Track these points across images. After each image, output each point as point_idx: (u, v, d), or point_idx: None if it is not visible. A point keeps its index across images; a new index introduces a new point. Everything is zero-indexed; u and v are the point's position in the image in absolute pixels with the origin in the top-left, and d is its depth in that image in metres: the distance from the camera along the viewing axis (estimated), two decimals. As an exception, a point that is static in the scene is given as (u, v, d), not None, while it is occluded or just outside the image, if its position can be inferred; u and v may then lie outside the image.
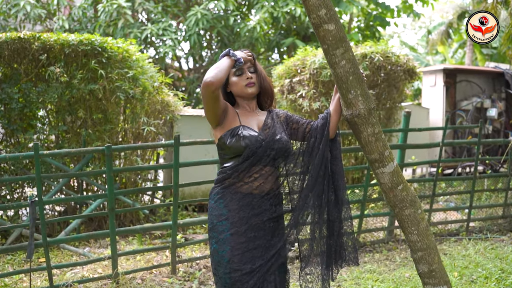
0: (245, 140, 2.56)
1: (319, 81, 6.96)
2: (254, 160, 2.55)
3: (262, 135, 2.61)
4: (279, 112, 2.83)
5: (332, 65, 2.71)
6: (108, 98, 5.86)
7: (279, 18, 10.87)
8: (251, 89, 2.66)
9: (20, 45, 5.51)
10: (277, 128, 2.68)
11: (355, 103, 2.73)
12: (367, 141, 2.81)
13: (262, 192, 2.59)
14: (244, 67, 2.67)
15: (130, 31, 9.92)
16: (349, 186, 5.53)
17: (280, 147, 2.62)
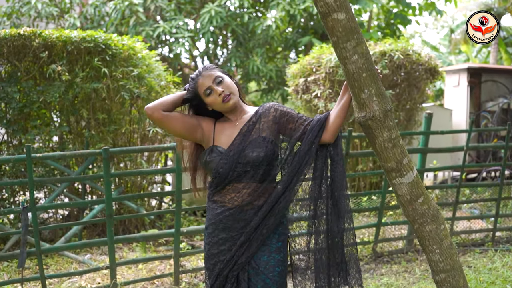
0: (211, 164, 2.49)
1: (335, 80, 6.61)
2: (220, 179, 2.47)
3: (227, 153, 2.47)
4: (268, 110, 2.54)
5: (342, 60, 2.37)
6: (112, 97, 5.59)
7: (296, 15, 10.51)
8: (231, 102, 2.48)
9: (20, 42, 5.27)
10: (253, 136, 2.47)
11: (369, 104, 2.39)
12: (383, 147, 2.46)
13: (234, 206, 2.47)
14: (210, 84, 2.48)
15: (142, 29, 9.67)
16: (366, 192, 5.18)
17: (247, 161, 2.43)
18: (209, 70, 2.49)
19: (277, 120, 2.51)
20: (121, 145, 5.83)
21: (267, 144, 2.44)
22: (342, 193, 2.50)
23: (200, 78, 2.47)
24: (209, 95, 2.45)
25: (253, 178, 2.44)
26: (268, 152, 2.44)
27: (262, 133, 2.48)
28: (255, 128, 2.49)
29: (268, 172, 2.47)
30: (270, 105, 2.56)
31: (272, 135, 2.48)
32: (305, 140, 2.47)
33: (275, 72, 10.79)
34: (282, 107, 2.55)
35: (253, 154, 2.42)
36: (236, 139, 2.46)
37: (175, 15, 10.17)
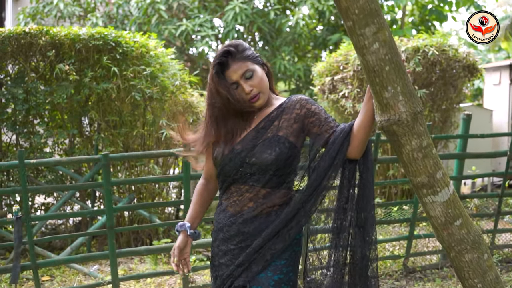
0: (216, 160, 2.18)
1: (364, 79, 6.12)
2: (223, 177, 2.17)
3: (234, 149, 2.13)
4: (293, 106, 2.14)
5: (359, 51, 1.92)
6: (123, 98, 5.25)
7: (325, 12, 10.04)
8: (258, 102, 2.12)
9: (26, 40, 4.97)
10: (268, 134, 2.10)
11: (394, 104, 1.94)
12: (411, 158, 2.00)
13: (235, 212, 2.15)
14: (238, 79, 2.10)
15: (165, 27, 9.36)
16: (397, 202, 4.69)
17: (254, 162, 2.08)
18: (238, 59, 2.10)
19: (300, 119, 2.11)
20: (134, 149, 5.49)
21: (281, 145, 2.06)
22: (369, 220, 2.13)
23: (227, 72, 2.11)
24: (236, 88, 2.11)
25: (258, 182, 2.09)
26: (281, 156, 2.06)
27: (279, 131, 2.09)
28: (273, 125, 2.12)
29: (277, 178, 2.09)
30: (296, 99, 2.15)
31: (291, 135, 2.09)
32: (326, 154, 2.06)
33: (304, 72, 10.33)
34: (310, 104, 2.12)
35: (262, 155, 2.06)
36: (249, 135, 2.12)
37: (199, 13, 9.83)
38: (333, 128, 2.08)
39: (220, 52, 2.12)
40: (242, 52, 2.13)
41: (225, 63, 2.10)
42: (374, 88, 1.95)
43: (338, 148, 2.04)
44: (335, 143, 2.04)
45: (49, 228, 5.69)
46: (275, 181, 2.09)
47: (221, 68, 2.10)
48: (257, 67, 2.12)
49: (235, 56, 2.11)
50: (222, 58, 2.10)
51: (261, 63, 2.16)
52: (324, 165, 2.06)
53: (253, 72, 2.10)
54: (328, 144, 2.06)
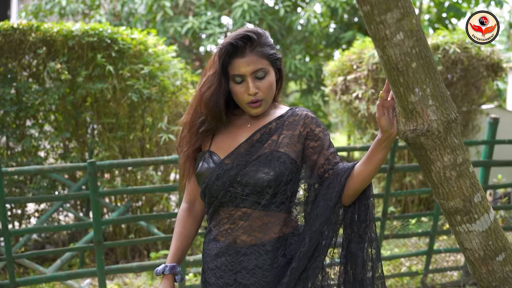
0: (201, 177, 1.81)
1: (379, 79, 5.70)
2: (209, 198, 1.80)
3: (222, 163, 1.78)
4: (297, 121, 1.79)
5: (379, 42, 1.52)
6: (119, 99, 4.88)
7: (337, 9, 9.61)
8: (255, 110, 1.79)
9: (14, 37, 4.63)
10: (265, 149, 1.76)
11: (422, 110, 1.54)
12: (442, 177, 1.60)
13: (232, 243, 1.78)
14: (246, 74, 1.75)
15: (170, 25, 9.00)
16: (414, 214, 4.26)
17: (248, 182, 1.73)
18: (257, 52, 1.76)
19: (301, 139, 1.77)
20: (132, 153, 5.12)
21: (282, 164, 1.72)
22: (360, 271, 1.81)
23: (237, 59, 1.75)
24: (237, 83, 1.77)
25: (253, 205, 1.75)
26: (281, 177, 1.72)
27: (280, 147, 1.74)
28: (271, 139, 1.77)
29: (276, 202, 1.75)
30: (301, 115, 1.81)
31: (294, 154, 1.75)
32: (321, 196, 1.75)
33: (315, 71, 9.92)
34: (315, 125, 1.79)
35: (257, 174, 1.72)
36: (241, 147, 1.79)
37: (206, 10, 9.46)
38: (330, 163, 1.76)
39: (239, 34, 1.75)
40: (264, 45, 1.77)
41: (240, 49, 1.73)
42: (397, 90, 1.55)
43: (332, 196, 1.74)
44: (330, 187, 1.73)
45: (42, 237, 5.34)
46: (273, 204, 1.74)
47: (232, 52, 1.74)
48: (271, 71, 1.77)
49: (254, 47, 1.75)
50: (239, 41, 1.73)
51: (278, 67, 1.80)
52: (324, 205, 1.75)
53: (266, 74, 1.75)
54: (323, 185, 1.75)
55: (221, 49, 1.74)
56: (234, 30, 1.84)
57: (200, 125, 1.81)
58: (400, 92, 1.54)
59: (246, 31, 1.75)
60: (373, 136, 5.90)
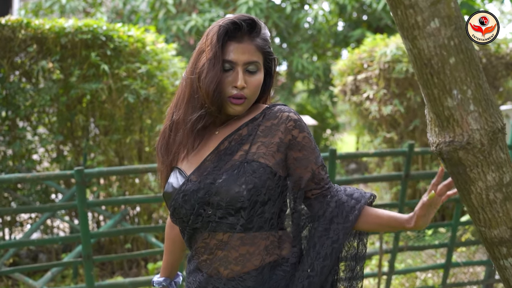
0: (167, 198, 1.53)
1: (392, 78, 5.37)
2: (180, 224, 1.52)
3: (188, 182, 1.48)
4: (276, 124, 1.48)
5: (408, 32, 1.20)
6: (114, 100, 4.59)
7: (346, 6, 9.29)
8: (235, 107, 1.49)
9: (2, 34, 4.34)
10: (235, 159, 1.46)
11: (461, 118, 1.23)
12: (485, 200, 1.29)
13: (212, 275, 1.49)
14: (239, 62, 1.46)
15: (173, 23, 8.72)
16: (431, 224, 3.94)
17: (219, 201, 1.42)
18: (255, 42, 1.49)
19: (282, 148, 1.46)
20: (129, 157, 4.83)
21: (257, 178, 1.41)
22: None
23: (233, 43, 1.47)
24: (225, 70, 1.47)
25: (231, 228, 1.45)
26: (257, 195, 1.41)
27: (256, 157, 1.44)
28: (242, 149, 1.47)
29: (255, 224, 1.44)
30: (282, 116, 1.49)
31: (273, 164, 1.45)
32: (322, 231, 1.47)
33: (323, 71, 9.60)
34: (298, 130, 1.48)
35: (229, 191, 1.41)
36: (206, 161, 1.49)
37: (210, 7, 9.17)
38: (323, 183, 1.48)
39: (244, 16, 1.48)
40: (263, 39, 1.50)
41: (240, 32, 1.46)
42: (430, 92, 1.24)
43: (341, 241, 1.47)
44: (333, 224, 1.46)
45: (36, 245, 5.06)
46: (251, 229, 1.44)
47: (231, 32, 1.46)
48: (262, 69, 1.49)
49: (255, 36, 1.48)
50: (242, 22, 1.45)
51: (268, 68, 1.53)
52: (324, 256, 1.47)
53: (257, 70, 1.47)
54: (322, 218, 1.47)
55: (221, 27, 1.45)
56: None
57: (197, 121, 1.50)
58: (433, 94, 1.23)
59: (250, 16, 1.49)
60: (384, 139, 5.57)
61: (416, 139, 5.44)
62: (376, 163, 5.89)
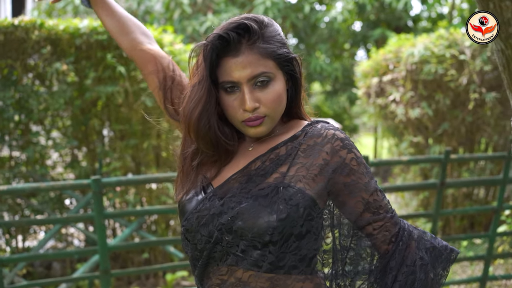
0: (182, 211, 1.29)
1: (420, 80, 5.14)
2: (194, 252, 1.26)
3: (208, 199, 1.24)
4: (320, 144, 1.23)
5: (500, 31, 0.99)
6: (131, 103, 4.40)
7: (365, 6, 9.06)
8: (254, 130, 1.24)
9: (15, 35, 4.17)
10: (269, 182, 1.21)
11: None
12: None
13: None
14: (240, 80, 1.21)
15: (188, 23, 8.55)
16: (467, 235, 3.72)
17: (243, 232, 1.18)
18: (257, 48, 1.21)
19: (327, 172, 1.21)
20: (146, 163, 4.64)
21: (294, 207, 1.17)
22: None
23: (228, 58, 1.21)
24: (228, 92, 1.24)
25: (253, 268, 1.20)
26: (292, 227, 1.18)
27: (294, 180, 1.20)
28: (278, 171, 1.22)
29: (287, 262, 1.20)
30: (327, 135, 1.24)
31: (314, 191, 1.20)
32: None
33: (341, 72, 9.38)
34: (346, 151, 1.23)
35: (258, 218, 1.17)
36: (232, 181, 1.26)
37: (226, 7, 8.98)
38: (382, 212, 1.24)
39: (232, 23, 1.20)
40: (269, 40, 1.22)
41: (232, 44, 1.19)
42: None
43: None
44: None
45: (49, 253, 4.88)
46: (281, 269, 1.20)
47: (220, 49, 1.20)
48: (279, 76, 1.22)
49: (254, 41, 1.20)
50: (231, 33, 1.19)
51: (289, 70, 1.25)
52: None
53: (270, 81, 1.21)
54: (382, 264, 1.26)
55: (207, 45, 1.20)
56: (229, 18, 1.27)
57: (192, 157, 1.30)
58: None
59: (242, 18, 1.22)
60: (411, 143, 5.34)
61: (444, 143, 5.20)
62: (401, 169, 5.65)
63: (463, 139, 5.22)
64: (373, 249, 1.30)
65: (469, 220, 5.47)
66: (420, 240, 1.28)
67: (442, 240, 1.33)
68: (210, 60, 1.20)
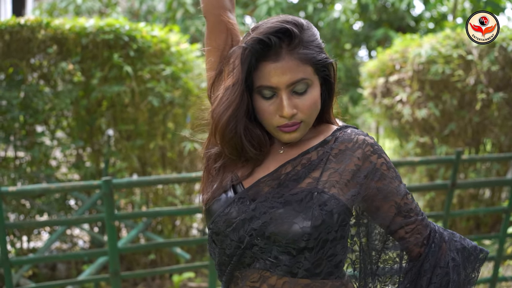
0: (209, 214, 1.25)
1: (426, 80, 5.11)
2: (222, 257, 1.22)
3: (238, 202, 1.21)
4: (351, 149, 1.22)
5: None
6: (138, 104, 4.37)
7: (368, 5, 9.03)
8: (288, 136, 1.22)
9: (21, 34, 4.14)
10: (301, 187, 1.18)
11: None
12: None
13: None
14: (278, 85, 1.17)
15: (191, 23, 8.51)
16: (476, 237, 3.69)
17: (277, 237, 1.15)
18: (297, 54, 1.18)
19: (359, 178, 1.20)
20: (152, 164, 4.60)
21: (328, 213, 1.14)
22: None
23: (267, 63, 1.18)
24: (265, 98, 1.20)
25: (287, 275, 1.17)
26: (328, 232, 1.16)
27: (328, 186, 1.18)
28: (311, 177, 1.20)
29: (323, 269, 1.18)
30: (358, 140, 1.23)
31: (347, 198, 1.18)
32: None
33: (344, 72, 9.35)
34: (376, 156, 1.22)
35: (293, 224, 1.14)
36: (262, 184, 1.22)
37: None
38: (415, 216, 1.24)
39: (273, 27, 1.16)
40: (309, 45, 1.19)
41: (273, 48, 1.15)
42: None
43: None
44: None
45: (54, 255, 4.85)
46: (318, 275, 1.18)
47: (260, 53, 1.16)
48: (316, 81, 1.20)
49: (295, 46, 1.17)
50: (273, 37, 1.15)
51: (325, 75, 1.22)
52: None
53: (308, 87, 1.18)
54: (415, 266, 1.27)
55: (245, 49, 1.17)
56: (264, 19, 1.24)
57: (216, 158, 1.27)
58: None
59: (283, 22, 1.18)
60: (417, 143, 5.31)
61: (451, 144, 5.17)
62: (407, 169, 5.62)
63: (469, 139, 5.20)
64: (403, 252, 1.30)
65: (475, 221, 5.45)
66: (451, 241, 1.29)
67: (471, 241, 1.34)
68: (248, 64, 1.16)
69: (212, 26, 1.37)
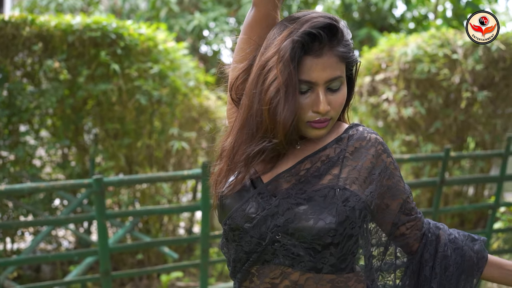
0: (223, 210, 1.22)
1: (412, 79, 5.15)
2: (239, 254, 1.20)
3: (255, 199, 1.19)
4: (365, 147, 1.23)
5: None
6: (125, 102, 4.32)
7: (351, 5, 9.07)
8: (317, 132, 1.21)
9: (5, 31, 4.06)
10: (322, 183, 1.18)
11: None
12: None
13: None
14: (319, 81, 1.16)
15: (175, 22, 8.45)
16: (465, 233, 3.74)
17: (301, 234, 1.14)
18: (337, 52, 1.18)
19: (374, 174, 1.22)
20: (139, 162, 4.56)
21: (351, 210, 1.17)
22: None
23: (310, 58, 1.16)
24: (300, 92, 1.18)
25: (311, 271, 1.17)
26: (352, 228, 1.17)
27: (349, 182, 1.19)
28: (331, 173, 1.20)
29: (348, 264, 1.21)
30: (371, 138, 1.25)
31: (366, 195, 1.21)
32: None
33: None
34: (386, 155, 1.25)
35: (318, 220, 1.14)
36: (281, 178, 1.21)
37: (213, 6, 8.91)
38: (415, 214, 1.30)
39: (320, 22, 1.15)
40: (345, 44, 1.19)
41: (318, 44, 1.15)
42: None
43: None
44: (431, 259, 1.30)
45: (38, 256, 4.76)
46: (344, 270, 1.20)
47: (306, 46, 1.15)
48: (345, 82, 1.21)
49: (335, 44, 1.17)
50: (321, 31, 1.15)
51: (350, 74, 1.25)
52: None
53: (341, 85, 1.19)
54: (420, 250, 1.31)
55: (296, 43, 1.13)
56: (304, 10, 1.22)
57: (256, 155, 1.20)
58: None
59: (328, 18, 1.17)
60: (403, 142, 5.35)
61: (436, 142, 5.23)
62: (393, 167, 5.66)
63: (454, 137, 5.25)
64: (404, 247, 1.34)
65: (459, 218, 5.52)
66: (446, 230, 1.33)
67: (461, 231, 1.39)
68: (297, 58, 1.14)
69: (261, 17, 1.29)
